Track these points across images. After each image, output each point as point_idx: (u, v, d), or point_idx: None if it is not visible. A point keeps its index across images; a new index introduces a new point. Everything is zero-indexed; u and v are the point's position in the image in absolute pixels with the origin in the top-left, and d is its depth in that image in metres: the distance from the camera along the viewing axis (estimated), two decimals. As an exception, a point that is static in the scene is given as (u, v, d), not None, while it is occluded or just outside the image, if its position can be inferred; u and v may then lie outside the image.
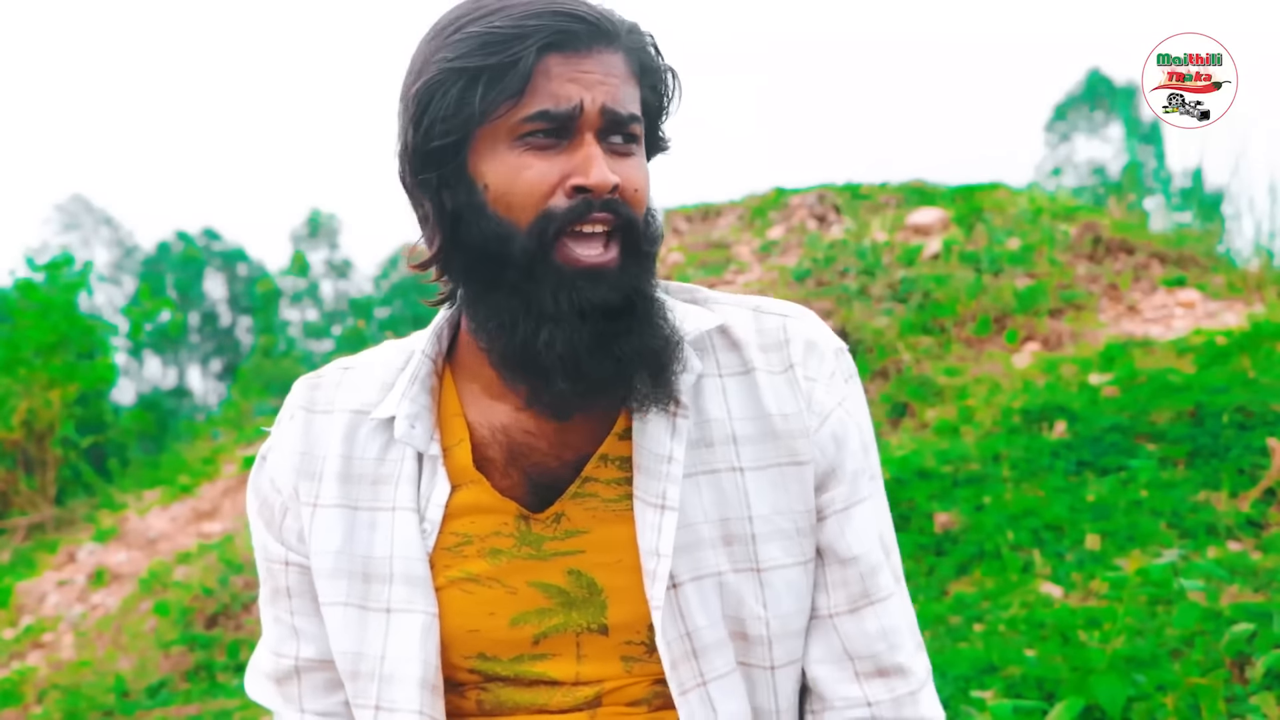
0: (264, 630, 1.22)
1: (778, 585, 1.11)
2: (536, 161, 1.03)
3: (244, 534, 7.32)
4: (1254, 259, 7.71)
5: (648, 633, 1.10)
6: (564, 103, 1.02)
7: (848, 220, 9.15)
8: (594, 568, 1.11)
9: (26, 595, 7.87)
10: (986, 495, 4.67)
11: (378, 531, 1.13)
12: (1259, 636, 2.86)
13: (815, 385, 1.13)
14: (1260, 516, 4.15)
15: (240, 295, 38.64)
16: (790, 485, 1.12)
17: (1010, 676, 3.13)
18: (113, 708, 5.60)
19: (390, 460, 1.14)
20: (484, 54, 1.02)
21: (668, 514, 1.08)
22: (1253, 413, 4.75)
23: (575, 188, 1.03)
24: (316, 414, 1.17)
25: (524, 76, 1.02)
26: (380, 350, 1.22)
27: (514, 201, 1.03)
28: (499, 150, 1.04)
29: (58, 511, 10.52)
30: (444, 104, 1.03)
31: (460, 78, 1.03)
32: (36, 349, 11.64)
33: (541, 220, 1.03)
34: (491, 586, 1.11)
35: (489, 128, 1.04)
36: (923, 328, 7.05)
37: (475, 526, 1.12)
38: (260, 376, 24.06)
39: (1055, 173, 32.16)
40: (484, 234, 1.05)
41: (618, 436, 1.12)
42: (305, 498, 1.15)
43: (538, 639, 1.11)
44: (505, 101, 1.02)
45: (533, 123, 1.03)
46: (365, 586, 1.13)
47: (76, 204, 38.87)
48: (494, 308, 1.06)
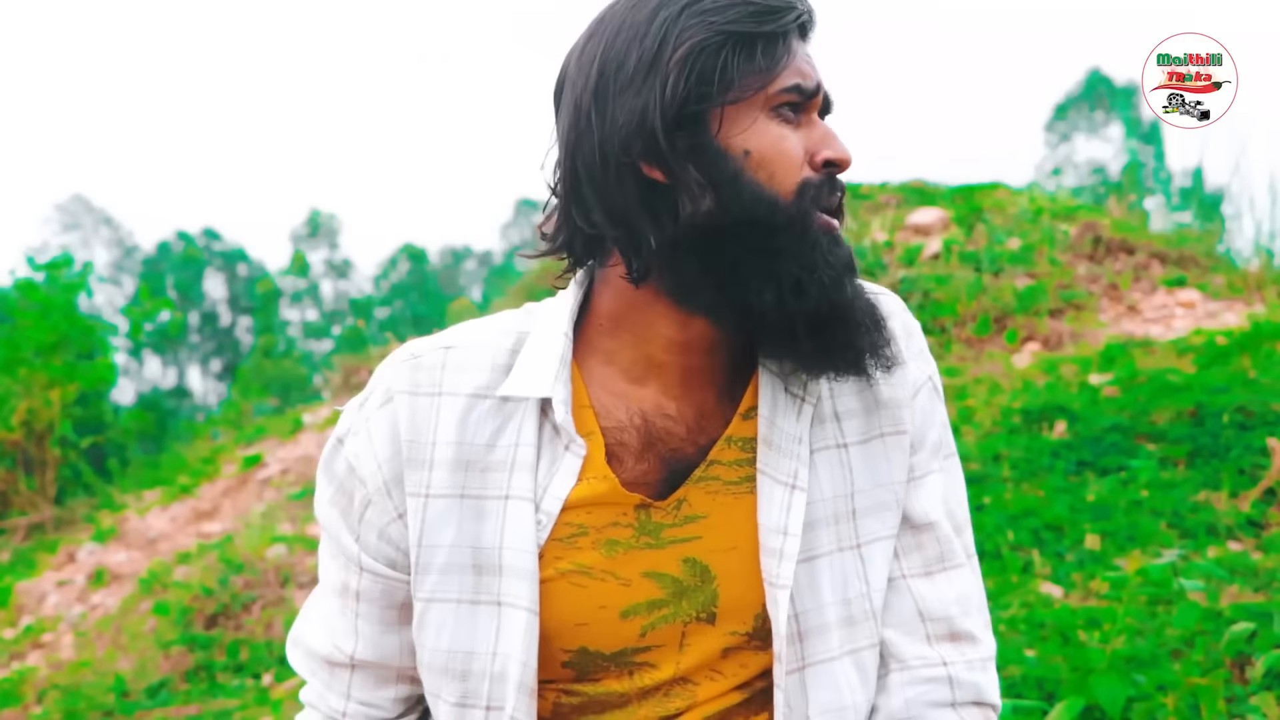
0: (323, 608, 1.17)
1: (876, 559, 1.12)
2: (790, 133, 1.04)
3: (244, 534, 7.32)
4: (1254, 259, 7.71)
5: (753, 621, 1.10)
6: (810, 80, 1.05)
7: (848, 220, 9.15)
8: (709, 553, 1.09)
9: (26, 595, 7.87)
10: (986, 495, 4.67)
11: (486, 521, 1.07)
12: (1259, 636, 2.86)
13: (910, 361, 1.16)
14: (1260, 516, 4.15)
15: (240, 295, 38.65)
16: (892, 454, 1.13)
17: (1010, 676, 3.12)
18: (112, 708, 5.60)
19: (503, 446, 1.08)
20: (756, 21, 1.01)
21: (797, 493, 1.08)
22: (1253, 413, 4.75)
23: (825, 161, 1.05)
24: (421, 396, 1.08)
25: (789, 49, 1.03)
26: (479, 329, 1.14)
27: (776, 170, 1.03)
28: (758, 119, 1.03)
29: (57, 511, 10.52)
30: (717, 65, 1.00)
31: (731, 41, 1.01)
32: (36, 349, 11.64)
33: (801, 189, 1.03)
34: (604, 579, 1.08)
35: (749, 99, 1.03)
36: (923, 328, 7.04)
37: (591, 518, 1.08)
38: (260, 376, 24.08)
39: (1055, 172, 32.17)
40: (747, 200, 1.02)
41: (742, 416, 1.11)
42: (413, 488, 1.07)
43: (645, 631, 1.09)
44: (774, 70, 1.02)
45: (788, 94, 1.03)
46: (476, 579, 1.07)
47: (77, 204, 38.88)
48: (755, 273, 1.03)
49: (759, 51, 1.01)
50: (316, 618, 1.18)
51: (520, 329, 1.13)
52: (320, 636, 1.16)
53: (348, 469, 1.10)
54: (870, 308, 1.07)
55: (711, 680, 1.11)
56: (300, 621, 1.20)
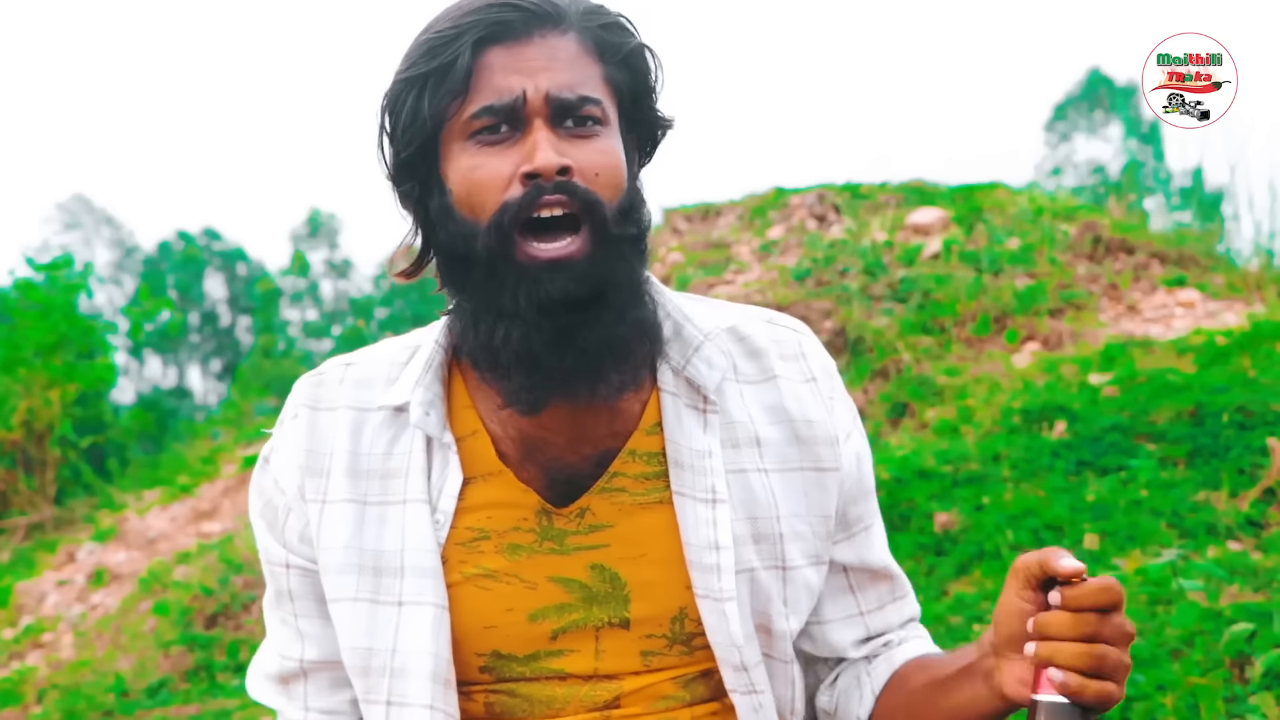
0: (269, 631, 1.21)
1: (798, 585, 1.14)
2: (489, 158, 1.03)
3: (244, 534, 7.31)
4: (1254, 259, 7.71)
5: (670, 625, 1.11)
6: (505, 95, 1.02)
7: (848, 220, 9.15)
8: (618, 561, 1.10)
9: (26, 595, 7.88)
10: (986, 495, 4.67)
11: (388, 525, 1.11)
12: (1258, 636, 2.86)
13: (835, 402, 1.18)
14: (1260, 516, 4.15)
15: (240, 295, 38.65)
16: (811, 490, 1.15)
17: (1010, 676, 3.12)
18: (112, 708, 5.61)
19: (398, 453, 1.12)
20: (428, 59, 1.04)
21: (720, 506, 1.10)
22: (1253, 413, 4.75)
23: (525, 175, 1.02)
24: (321, 411, 1.15)
25: (464, 74, 1.02)
26: (381, 347, 1.20)
27: (474, 201, 1.04)
28: (456, 152, 1.05)
29: (57, 511, 10.53)
30: (403, 115, 1.05)
31: (412, 87, 1.05)
32: (36, 349, 11.65)
33: (499, 214, 1.02)
34: (510, 582, 1.10)
35: (448, 132, 1.05)
36: (923, 328, 7.05)
37: (493, 522, 1.11)
38: (260, 376, 24.09)
39: (1055, 172, 32.15)
40: (451, 236, 1.06)
41: (645, 431, 1.12)
42: (312, 495, 1.13)
43: (556, 634, 1.10)
44: (451, 103, 1.03)
45: (479, 119, 1.03)
46: (376, 580, 1.10)
47: (77, 203, 38.89)
48: (461, 308, 1.08)
49: (430, 89, 1.03)
50: (265, 648, 1.22)
51: (417, 343, 1.18)
52: (270, 657, 1.20)
53: (272, 482, 1.16)
54: (621, 329, 1.05)
55: (637, 676, 1.12)
56: (253, 660, 1.24)
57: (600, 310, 1.03)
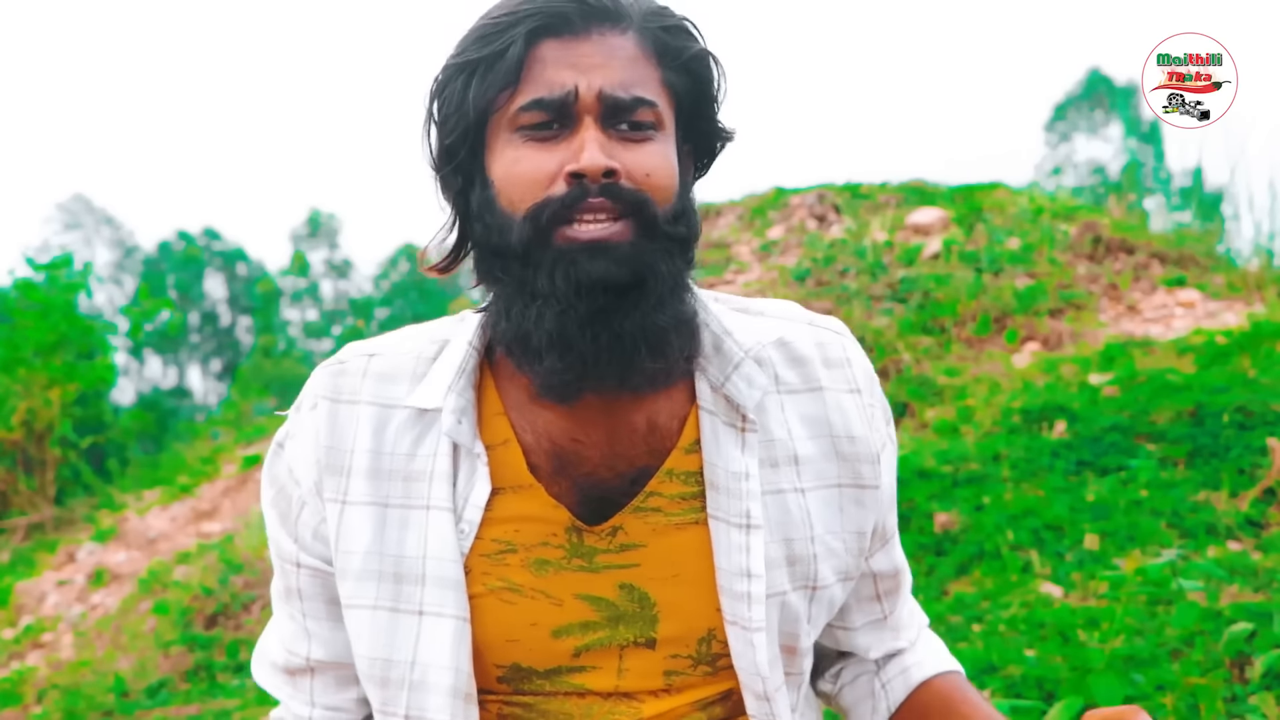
0: (276, 619, 1.18)
1: (823, 603, 1.12)
2: (534, 153, 1.00)
3: (244, 534, 7.32)
4: (1254, 259, 7.70)
5: (697, 646, 1.08)
6: (557, 89, 0.99)
7: (848, 220, 9.15)
8: (648, 581, 1.07)
9: (26, 595, 7.87)
10: (986, 495, 4.67)
11: (410, 530, 1.07)
12: (1258, 636, 2.86)
13: (875, 411, 1.15)
14: (1260, 516, 4.15)
15: (240, 295, 38.67)
16: (848, 507, 1.12)
17: (1010, 676, 3.12)
18: (112, 708, 5.60)
19: (423, 455, 1.07)
20: (480, 46, 1.01)
21: (754, 532, 1.06)
22: (1253, 413, 4.75)
23: (570, 174, 0.98)
24: (342, 403, 1.09)
25: (516, 65, 0.99)
26: (405, 338, 1.15)
27: (514, 194, 1.00)
28: (501, 144, 1.02)
29: (57, 511, 10.53)
30: (451, 101, 1.02)
31: (461, 73, 1.02)
32: (36, 349, 11.66)
33: (537, 208, 0.99)
34: (535, 598, 1.07)
35: (495, 123, 1.02)
36: (923, 327, 7.05)
37: (520, 536, 1.07)
38: (260, 376, 24.10)
39: (1055, 172, 32.15)
40: (488, 229, 1.02)
41: (684, 450, 1.09)
42: (331, 494, 1.08)
43: (579, 651, 1.08)
44: (501, 92, 1.00)
45: (528, 112, 1.00)
46: (396, 587, 1.06)
47: (78, 203, 38.90)
48: (495, 301, 1.05)
49: (480, 76, 1.00)
50: (272, 632, 1.19)
51: (445, 337, 1.13)
52: (276, 647, 1.17)
53: (287, 471, 1.12)
54: (660, 318, 1.01)
55: (658, 699, 1.09)
56: (260, 641, 1.21)
57: (639, 297, 0.99)
